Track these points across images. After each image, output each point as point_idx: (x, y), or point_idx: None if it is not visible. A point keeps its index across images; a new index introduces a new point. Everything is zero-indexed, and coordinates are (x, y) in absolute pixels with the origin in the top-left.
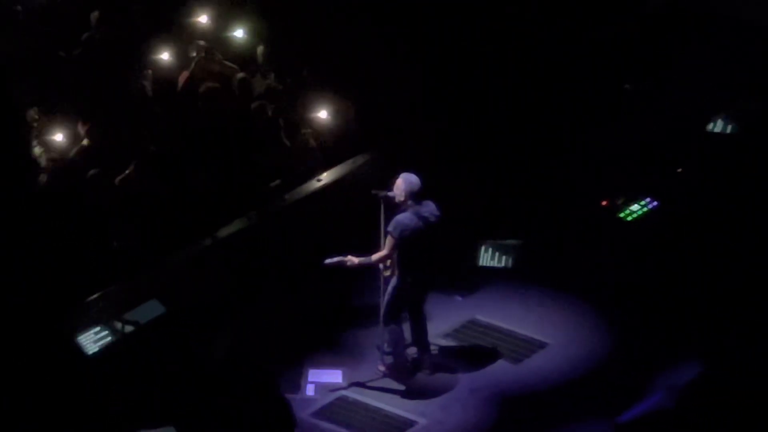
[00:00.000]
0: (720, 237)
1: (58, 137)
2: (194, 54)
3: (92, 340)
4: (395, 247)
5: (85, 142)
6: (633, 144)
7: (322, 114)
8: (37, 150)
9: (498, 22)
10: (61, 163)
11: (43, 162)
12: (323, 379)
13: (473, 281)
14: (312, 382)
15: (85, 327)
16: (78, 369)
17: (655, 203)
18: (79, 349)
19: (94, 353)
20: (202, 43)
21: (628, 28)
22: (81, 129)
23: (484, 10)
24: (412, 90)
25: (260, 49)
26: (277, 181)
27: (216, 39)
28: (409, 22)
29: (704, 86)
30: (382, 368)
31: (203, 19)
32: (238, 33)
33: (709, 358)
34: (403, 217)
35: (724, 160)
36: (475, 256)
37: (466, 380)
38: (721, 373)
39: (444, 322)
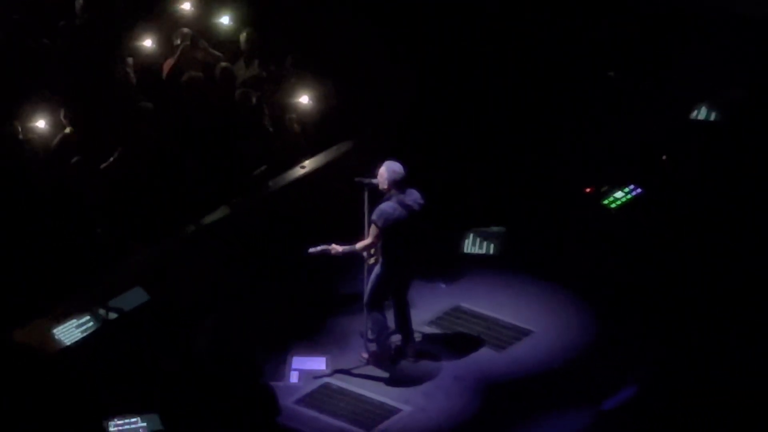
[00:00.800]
0: (704, 224)
1: (41, 124)
2: (178, 41)
3: (76, 328)
4: (379, 236)
5: (67, 130)
6: (617, 131)
7: (305, 100)
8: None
9: (488, 10)
10: (43, 150)
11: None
12: (307, 366)
13: (457, 269)
14: (296, 370)
15: (69, 314)
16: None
17: (639, 190)
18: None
19: (76, 341)
20: (186, 30)
21: (614, 18)
22: (63, 117)
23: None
24: (396, 76)
25: (243, 36)
26: (261, 169)
27: (200, 26)
28: (393, 6)
29: (688, 74)
30: (365, 356)
31: (187, 6)
32: (224, 20)
33: (692, 344)
34: (387, 206)
35: (708, 148)
36: (460, 244)
37: (449, 368)
38: (704, 359)
39: (428, 309)
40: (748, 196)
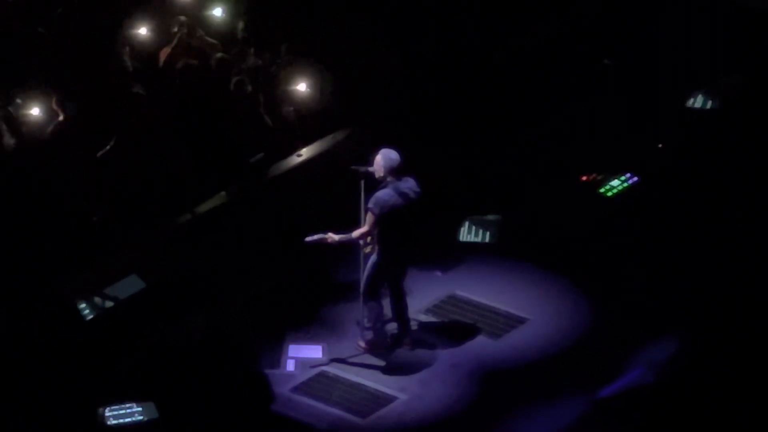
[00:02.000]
0: (700, 212)
1: (35, 111)
2: (175, 29)
3: None
4: (375, 224)
5: (61, 118)
6: (613, 119)
7: (301, 87)
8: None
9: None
10: (38, 137)
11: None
12: (303, 354)
13: (453, 257)
14: (292, 358)
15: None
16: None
17: (635, 178)
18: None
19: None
20: (183, 18)
21: (609, 3)
22: (55, 105)
23: None
24: (392, 65)
25: (240, 24)
26: (257, 156)
27: (197, 14)
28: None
29: (684, 61)
30: (362, 344)
31: None
32: (217, 11)
33: (689, 333)
34: (383, 194)
35: (704, 136)
36: (456, 232)
37: (446, 356)
38: (700, 348)
39: (424, 297)
40: (744, 184)
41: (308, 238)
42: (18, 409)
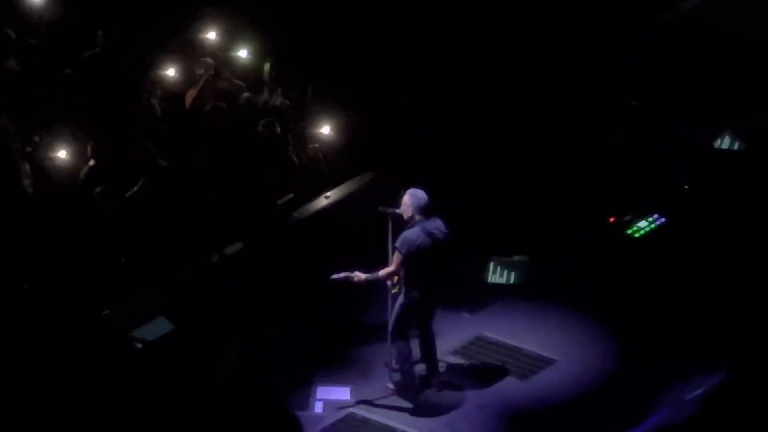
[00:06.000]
0: (727, 253)
1: (62, 154)
2: (201, 71)
3: None
4: (402, 263)
5: (91, 162)
6: (640, 160)
7: (328, 129)
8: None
9: (506, 39)
10: (65, 180)
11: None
12: (331, 396)
13: (481, 297)
14: (320, 399)
15: None
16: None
17: (662, 219)
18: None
19: None
20: (209, 60)
21: (634, 43)
22: (89, 149)
23: (492, 27)
24: (419, 106)
25: (267, 65)
26: (286, 198)
27: (223, 55)
28: (414, 38)
29: (711, 102)
30: (390, 385)
31: (211, 35)
32: (242, 53)
33: (718, 372)
34: (411, 233)
35: (731, 177)
36: (483, 273)
37: (473, 397)
38: (730, 387)
39: (452, 338)
40: None
41: (335, 276)
42: None
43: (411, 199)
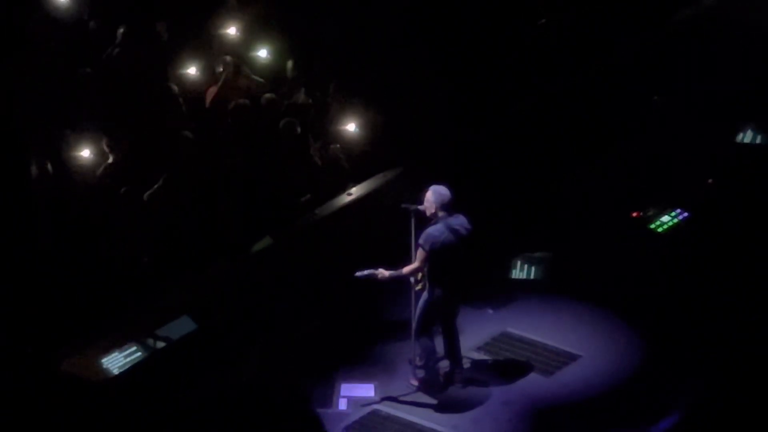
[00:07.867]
0: (751, 247)
1: (85, 154)
2: (221, 69)
3: (123, 357)
4: (426, 260)
5: (110, 159)
6: (663, 155)
7: (351, 127)
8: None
9: (528, 36)
10: (88, 179)
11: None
12: (355, 393)
13: (504, 294)
14: (344, 397)
15: (117, 344)
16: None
17: (685, 214)
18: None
19: (124, 371)
20: (229, 58)
21: (655, 38)
22: (106, 147)
23: (515, 26)
24: (441, 103)
25: (290, 63)
26: (308, 196)
27: (244, 52)
28: (439, 34)
29: (734, 96)
30: (414, 382)
31: (232, 30)
32: (261, 53)
33: (742, 370)
34: (434, 230)
35: (753, 171)
36: (506, 269)
37: (498, 393)
38: (753, 383)
39: (475, 335)
40: None
41: (358, 273)
42: None
43: (434, 196)
